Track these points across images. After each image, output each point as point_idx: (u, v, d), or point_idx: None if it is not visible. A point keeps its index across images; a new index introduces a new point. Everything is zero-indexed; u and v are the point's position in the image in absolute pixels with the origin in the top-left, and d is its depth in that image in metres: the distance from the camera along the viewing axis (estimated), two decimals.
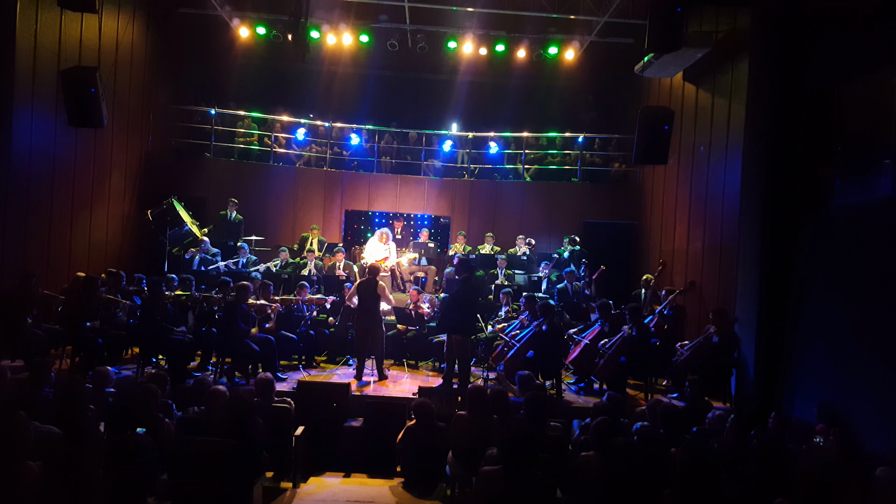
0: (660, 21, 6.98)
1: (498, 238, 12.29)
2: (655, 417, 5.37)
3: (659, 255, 11.19)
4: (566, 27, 12.81)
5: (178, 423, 5.20)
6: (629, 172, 13.41)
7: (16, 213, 8.21)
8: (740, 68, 8.51)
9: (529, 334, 7.91)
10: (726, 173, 8.94)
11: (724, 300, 8.38)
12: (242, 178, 12.88)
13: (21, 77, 7.88)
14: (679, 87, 10.82)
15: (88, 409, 4.83)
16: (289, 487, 5.90)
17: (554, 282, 10.72)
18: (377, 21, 12.93)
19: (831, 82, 6.34)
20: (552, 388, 7.78)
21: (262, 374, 6.07)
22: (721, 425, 5.34)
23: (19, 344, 7.44)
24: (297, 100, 14.18)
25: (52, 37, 8.92)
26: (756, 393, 6.74)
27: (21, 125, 8.07)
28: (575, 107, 14.47)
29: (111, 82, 10.01)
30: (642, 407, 6.27)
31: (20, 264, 8.04)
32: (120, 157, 11.20)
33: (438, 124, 14.21)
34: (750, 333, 6.94)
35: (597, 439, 4.55)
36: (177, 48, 12.92)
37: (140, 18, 11.40)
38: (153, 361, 8.03)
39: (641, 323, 7.90)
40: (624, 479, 4.16)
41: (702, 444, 4.86)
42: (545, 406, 5.38)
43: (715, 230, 9.34)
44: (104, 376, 5.76)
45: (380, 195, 13.41)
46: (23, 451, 3.82)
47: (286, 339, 8.40)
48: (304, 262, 10.88)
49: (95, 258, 10.28)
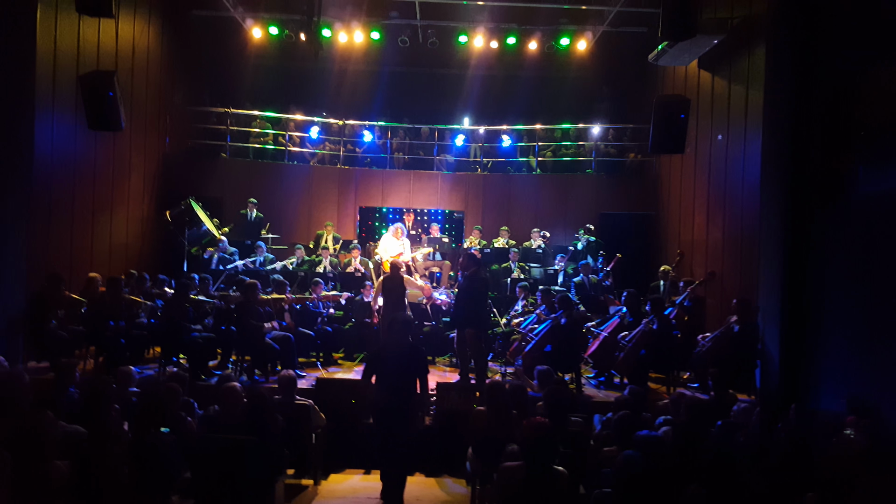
0: (674, 8, 6.89)
1: (513, 231, 12.25)
2: (679, 411, 5.31)
3: (677, 245, 11.09)
4: (578, 18, 12.71)
5: (200, 422, 5.25)
6: (645, 162, 13.29)
7: (39, 216, 8.30)
8: (757, 54, 8.38)
9: (547, 328, 7.88)
10: (745, 162, 8.83)
11: (745, 290, 8.28)
12: (258, 177, 12.96)
13: (42, 82, 7.95)
14: (694, 75, 10.70)
15: (113, 408, 4.89)
16: (310, 484, 5.95)
17: (570, 274, 10.66)
18: (388, 18, 12.93)
19: (852, 67, 6.22)
20: (571, 382, 7.75)
21: (285, 372, 6.09)
22: (746, 418, 5.26)
23: (45, 345, 7.57)
24: (310, 98, 14.24)
25: (70, 42, 9.00)
26: (782, 385, 6.65)
27: (42, 130, 8.16)
28: (588, 98, 14.35)
29: (128, 85, 10.10)
30: (665, 400, 6.22)
31: (44, 267, 8.13)
32: (138, 159, 11.31)
33: (450, 119, 14.19)
34: (774, 324, 6.85)
35: (619, 434, 4.51)
36: (191, 50, 13.00)
37: (155, 22, 11.48)
38: (174, 361, 8.12)
39: (662, 315, 7.83)
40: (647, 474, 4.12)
41: (727, 437, 4.81)
42: (565, 401, 5.35)
43: (735, 219, 9.24)
44: (127, 376, 5.82)
45: (393, 191, 13.43)
46: (50, 450, 3.88)
47: (304, 337, 8.44)
48: (318, 260, 10.92)
49: (116, 259, 10.39)
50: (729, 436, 4.83)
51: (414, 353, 5.42)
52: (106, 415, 4.61)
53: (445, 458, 6.43)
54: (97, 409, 4.57)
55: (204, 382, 7.39)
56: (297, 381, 6.06)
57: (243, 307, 7.76)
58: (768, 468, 4.13)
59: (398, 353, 5.33)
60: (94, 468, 3.97)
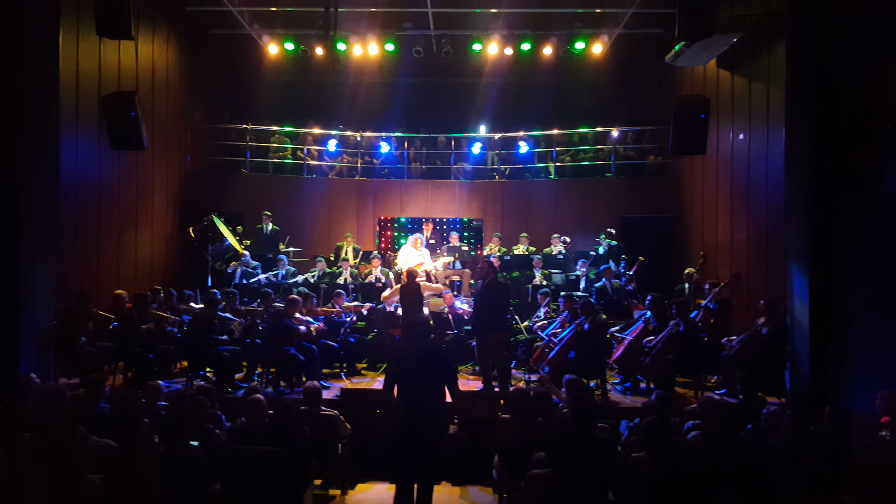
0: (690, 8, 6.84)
1: (532, 238, 12.20)
2: (707, 415, 5.24)
3: (701, 247, 10.96)
4: (592, 21, 12.67)
5: (228, 434, 5.28)
6: (665, 164, 13.19)
7: (66, 236, 8.46)
8: (777, 51, 8.29)
9: (570, 334, 7.82)
10: (768, 160, 8.72)
11: (772, 291, 8.15)
12: (278, 191, 13.08)
13: (65, 105, 8.13)
14: (713, 74, 10.60)
15: (142, 422, 4.95)
16: (337, 494, 5.95)
17: (592, 280, 10.58)
18: (402, 29, 13.00)
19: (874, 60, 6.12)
20: (597, 388, 7.68)
21: (310, 384, 6.11)
22: (777, 421, 5.16)
23: (74, 362, 7.70)
24: (326, 112, 14.36)
25: (92, 64, 9.20)
26: (812, 387, 6.53)
27: (67, 151, 8.32)
28: (605, 101, 14.29)
29: (149, 105, 10.28)
30: (692, 405, 6.13)
31: (72, 285, 8.29)
32: (161, 177, 11.49)
33: (466, 127, 14.21)
34: (803, 325, 6.74)
35: (647, 440, 4.45)
36: (209, 69, 13.22)
37: (174, 42, 11.69)
38: (201, 374, 8.19)
39: (688, 318, 7.74)
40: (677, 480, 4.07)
41: (758, 441, 4.73)
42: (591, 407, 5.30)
43: (759, 219, 9.11)
44: (156, 390, 5.89)
45: (411, 201, 13.47)
46: (83, 464, 3.93)
47: (327, 348, 8.48)
48: (339, 271, 10.98)
49: (142, 276, 10.55)
50: (760, 440, 4.74)
51: (436, 357, 4.89)
52: (136, 429, 4.67)
53: (471, 466, 6.39)
54: (127, 424, 4.63)
55: (230, 395, 7.45)
56: (322, 392, 6.08)
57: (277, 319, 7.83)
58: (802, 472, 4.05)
59: (419, 357, 4.81)
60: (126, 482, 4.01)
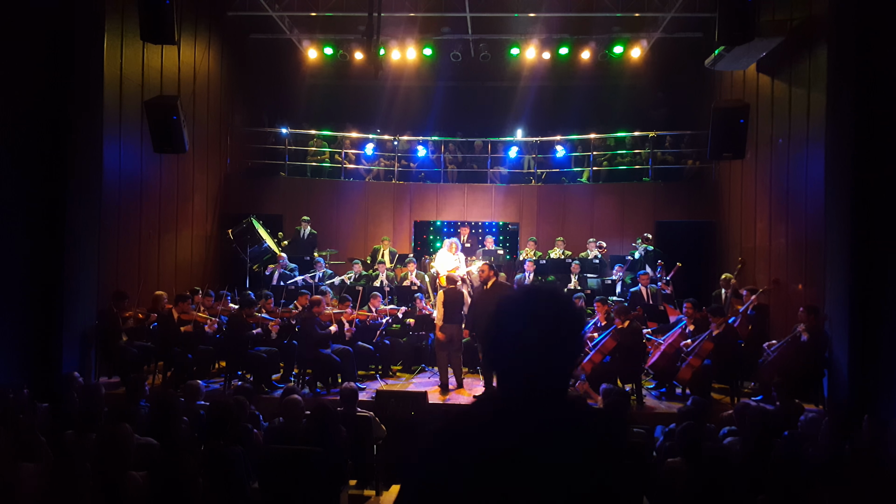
0: (731, 12, 6.78)
1: (568, 242, 12.14)
2: (743, 422, 5.17)
3: (738, 253, 10.78)
4: (631, 25, 12.58)
5: (266, 433, 5.40)
6: (703, 169, 12.99)
7: (108, 237, 8.71)
8: (818, 56, 8.13)
9: (605, 339, 7.78)
10: (808, 165, 8.54)
11: (811, 298, 7.99)
12: (315, 194, 13.27)
13: (109, 108, 8.38)
14: (753, 78, 10.43)
15: (182, 421, 5.09)
16: (372, 495, 6.02)
17: (629, 284, 10.49)
18: (440, 34, 13.08)
19: None
20: (632, 393, 7.62)
21: (347, 385, 6.19)
22: (814, 429, 5.08)
23: (115, 361, 7.93)
24: (364, 116, 14.53)
25: (135, 69, 9.48)
26: (851, 395, 6.39)
27: (110, 153, 8.58)
28: (643, 105, 14.14)
29: (191, 109, 10.52)
30: (728, 411, 6.05)
31: (114, 286, 8.53)
32: (201, 180, 11.77)
33: (503, 131, 14.20)
34: (842, 332, 6.59)
35: (683, 445, 4.42)
36: (250, 73, 13.49)
37: (215, 47, 11.97)
38: (238, 374, 8.36)
39: (726, 324, 7.63)
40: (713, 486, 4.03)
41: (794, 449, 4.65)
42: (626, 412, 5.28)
43: (799, 225, 8.93)
44: (195, 390, 6.04)
45: (447, 205, 13.52)
46: (128, 461, 4.07)
47: (362, 350, 8.58)
48: (375, 274, 11.09)
49: (182, 278, 10.82)
50: (796, 447, 4.67)
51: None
52: (175, 428, 4.80)
53: None
54: (167, 423, 4.76)
55: (267, 395, 7.59)
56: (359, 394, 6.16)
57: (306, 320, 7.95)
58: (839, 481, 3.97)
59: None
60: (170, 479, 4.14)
